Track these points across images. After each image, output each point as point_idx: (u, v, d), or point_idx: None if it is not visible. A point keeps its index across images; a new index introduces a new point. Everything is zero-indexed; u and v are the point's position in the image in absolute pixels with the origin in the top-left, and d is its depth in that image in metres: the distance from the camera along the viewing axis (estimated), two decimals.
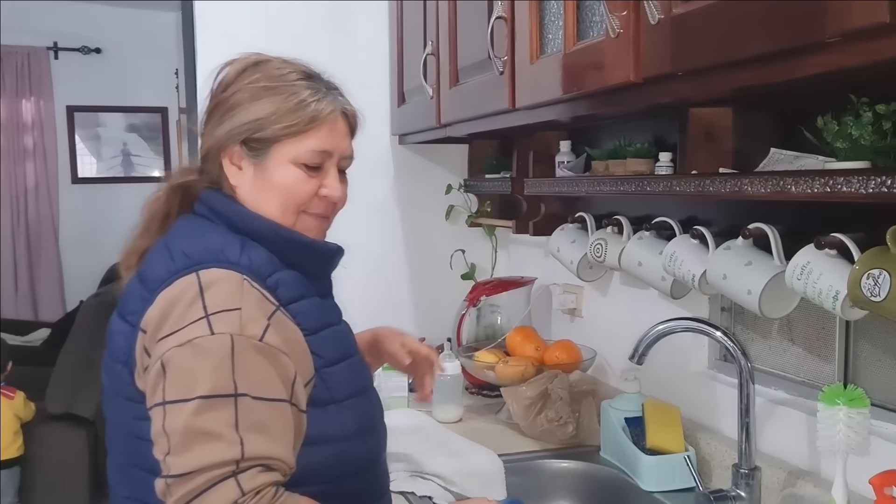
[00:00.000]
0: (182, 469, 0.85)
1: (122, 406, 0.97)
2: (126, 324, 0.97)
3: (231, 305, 0.91)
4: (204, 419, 0.86)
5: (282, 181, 1.03)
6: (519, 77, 1.45)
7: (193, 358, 0.88)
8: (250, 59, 1.08)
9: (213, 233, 1.00)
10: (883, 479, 1.01)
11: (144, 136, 5.21)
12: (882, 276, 0.97)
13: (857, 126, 1.01)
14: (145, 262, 1.01)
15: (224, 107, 1.04)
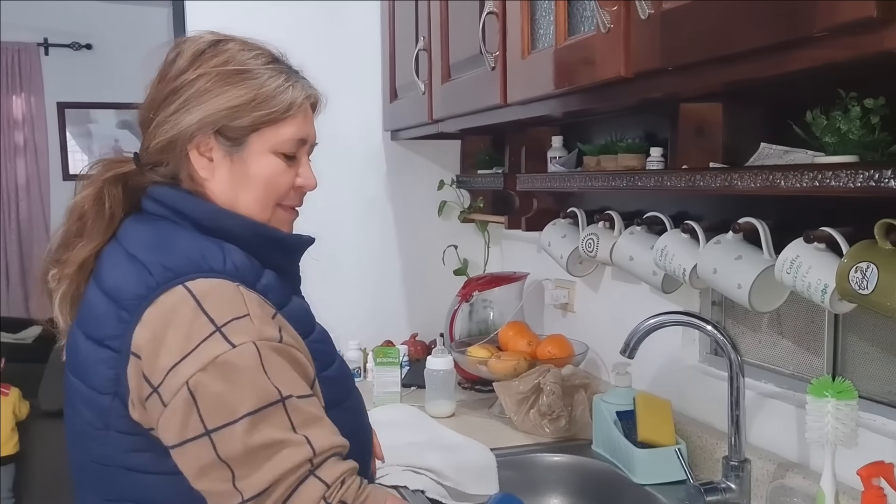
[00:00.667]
0: (259, 487, 0.81)
1: (110, 440, 0.89)
2: (107, 350, 0.87)
3: (238, 313, 0.85)
4: (261, 434, 0.82)
5: (262, 172, 0.97)
6: (510, 72, 1.45)
7: (224, 378, 0.82)
8: (205, 38, 0.98)
9: (183, 238, 0.92)
10: (870, 470, 1.02)
11: (136, 133, 5.03)
12: (870, 270, 0.98)
13: (845, 120, 1.02)
14: (107, 275, 0.92)
15: (186, 92, 0.94)
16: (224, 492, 0.83)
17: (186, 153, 0.95)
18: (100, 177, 0.98)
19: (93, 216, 0.96)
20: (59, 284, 0.96)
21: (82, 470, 0.94)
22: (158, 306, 0.85)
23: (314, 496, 0.82)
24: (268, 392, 0.83)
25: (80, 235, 0.96)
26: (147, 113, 0.98)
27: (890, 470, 1.02)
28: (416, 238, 2.33)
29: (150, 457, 0.88)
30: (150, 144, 0.96)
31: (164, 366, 0.83)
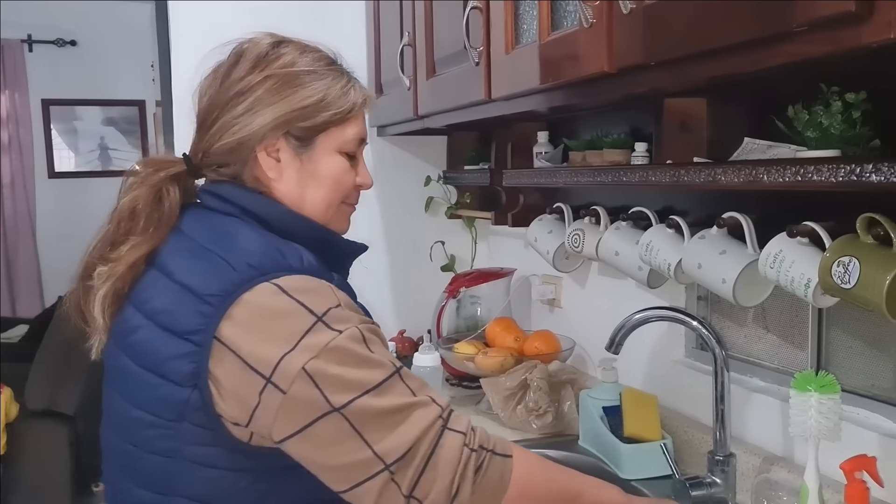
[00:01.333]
0: (401, 449, 0.84)
1: (181, 432, 0.88)
2: (188, 343, 0.87)
3: (332, 303, 0.88)
4: (390, 400, 0.86)
5: (330, 172, 1.00)
6: (495, 68, 1.45)
7: (339, 361, 0.85)
8: (265, 40, 1.00)
9: (256, 235, 0.93)
10: (853, 463, 1.03)
11: (122, 130, 5.15)
12: (852, 264, 0.98)
13: (826, 115, 1.02)
14: (180, 268, 0.92)
15: (254, 94, 0.96)
16: (363, 461, 0.84)
17: (255, 154, 0.97)
18: (154, 176, 0.98)
19: (148, 215, 0.96)
20: (105, 282, 0.94)
21: (132, 462, 0.93)
22: (247, 303, 0.87)
23: (457, 445, 0.86)
24: (383, 366, 0.87)
25: (132, 233, 0.96)
26: (208, 115, 0.99)
27: (872, 463, 1.03)
28: (404, 234, 2.33)
29: (219, 451, 0.88)
30: (214, 146, 0.98)
31: (271, 357, 0.84)
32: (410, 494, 0.85)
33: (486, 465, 0.88)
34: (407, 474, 0.85)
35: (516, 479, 0.89)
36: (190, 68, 2.11)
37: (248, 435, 0.88)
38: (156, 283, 0.94)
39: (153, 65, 4.16)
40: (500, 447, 0.91)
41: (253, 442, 0.89)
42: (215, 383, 0.87)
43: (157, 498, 0.92)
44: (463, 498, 0.86)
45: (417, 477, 0.85)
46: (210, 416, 0.87)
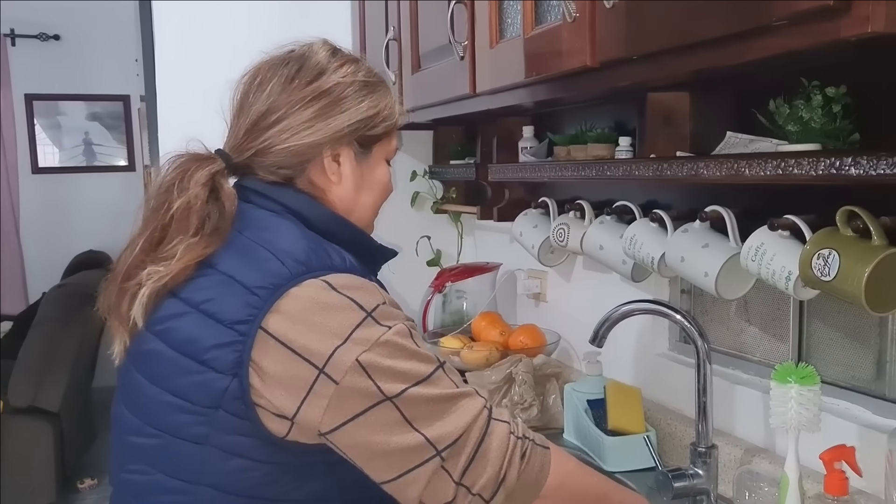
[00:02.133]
0: (453, 436, 0.87)
1: (216, 420, 0.88)
2: (233, 332, 0.88)
3: (379, 300, 0.90)
4: (439, 390, 0.88)
5: (382, 178, 1.07)
6: (479, 62, 1.45)
7: (390, 355, 0.87)
8: (324, 48, 1.03)
9: (302, 234, 0.95)
10: (833, 454, 1.04)
11: (107, 125, 5.11)
12: (832, 256, 0.99)
13: (807, 109, 1.03)
14: (228, 260, 0.92)
15: (321, 100, 0.99)
16: (414, 447, 0.86)
17: (321, 158, 1.00)
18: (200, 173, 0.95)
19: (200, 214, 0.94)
20: (157, 282, 0.93)
21: (156, 447, 0.93)
22: (296, 297, 0.88)
23: (504, 433, 0.90)
24: (429, 359, 0.90)
25: (182, 233, 0.94)
26: (266, 117, 0.99)
27: (851, 453, 1.04)
28: (389, 229, 2.30)
29: (251, 442, 0.89)
30: (275, 147, 0.99)
31: (323, 349, 0.86)
32: (460, 482, 0.87)
33: (529, 454, 0.91)
34: (459, 462, 0.87)
35: (555, 470, 0.93)
36: (174, 63, 2.11)
37: (286, 428, 0.88)
38: (199, 274, 0.93)
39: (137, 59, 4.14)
40: (539, 439, 0.95)
41: (290, 437, 0.89)
42: (259, 372, 0.87)
43: (181, 485, 0.92)
44: (509, 484, 0.89)
45: (468, 464, 0.87)
46: (247, 406, 0.88)
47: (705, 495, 1.25)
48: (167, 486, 0.92)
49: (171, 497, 0.92)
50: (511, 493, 0.89)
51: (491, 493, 0.88)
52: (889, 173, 0.87)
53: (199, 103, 1.95)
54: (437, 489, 0.87)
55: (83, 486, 3.64)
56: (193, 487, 0.91)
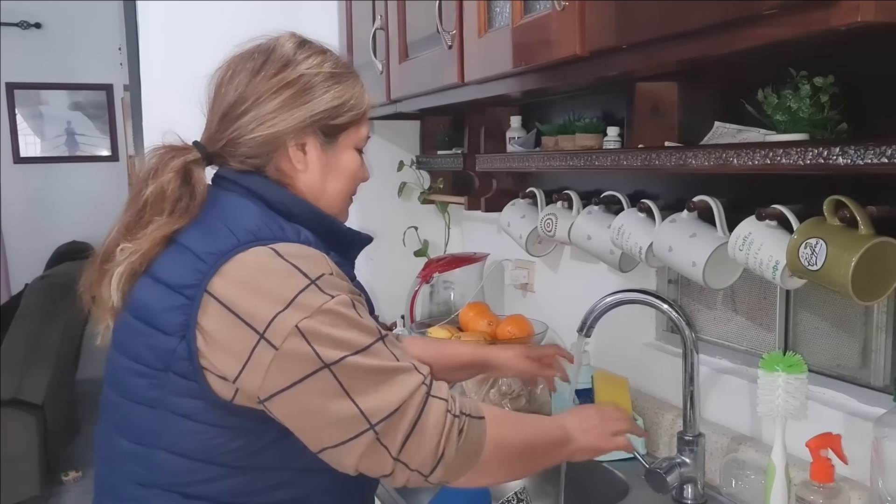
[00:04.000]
0: (388, 408, 0.88)
1: (166, 382, 0.92)
2: (180, 296, 0.91)
3: (326, 270, 0.92)
4: (377, 362, 0.90)
5: (349, 166, 1.08)
6: (468, 51, 1.44)
7: (331, 323, 0.88)
8: (291, 40, 1.06)
9: (260, 211, 0.98)
10: (819, 441, 1.05)
11: (89, 115, 5.05)
12: (819, 246, 1.00)
13: (795, 99, 1.03)
14: (187, 234, 0.97)
15: (286, 91, 1.01)
16: (348, 419, 0.88)
17: (286, 147, 1.02)
18: (175, 161, 1.00)
19: (175, 199, 0.99)
20: (127, 258, 0.98)
21: (120, 413, 0.98)
22: (241, 261, 0.91)
23: (441, 411, 0.91)
24: (370, 330, 0.92)
25: (157, 216, 0.99)
26: (235, 108, 1.02)
27: (837, 441, 1.05)
28: (376, 220, 2.31)
29: (201, 405, 0.91)
30: (244, 136, 1.02)
31: (265, 314, 0.87)
32: (398, 458, 0.89)
33: (467, 428, 0.93)
34: (396, 437, 0.89)
35: (490, 438, 0.96)
36: (159, 53, 2.09)
37: (232, 392, 0.90)
38: (167, 254, 0.98)
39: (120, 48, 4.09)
40: (475, 410, 0.96)
41: (236, 401, 0.91)
42: (204, 335, 0.90)
43: (139, 449, 0.95)
44: (448, 460, 0.91)
45: (404, 440, 0.89)
46: (194, 368, 0.90)
47: (692, 483, 1.26)
48: (128, 450, 0.96)
49: (133, 461, 0.96)
50: (450, 467, 0.92)
51: (430, 469, 0.91)
52: (876, 163, 0.87)
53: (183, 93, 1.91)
54: (375, 461, 0.89)
55: (67, 478, 3.62)
56: (150, 451, 0.94)
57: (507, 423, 1.01)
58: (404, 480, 0.91)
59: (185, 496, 0.94)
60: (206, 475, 0.93)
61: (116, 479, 0.99)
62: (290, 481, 0.96)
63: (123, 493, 0.97)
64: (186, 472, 0.93)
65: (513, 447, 1.00)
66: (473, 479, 0.96)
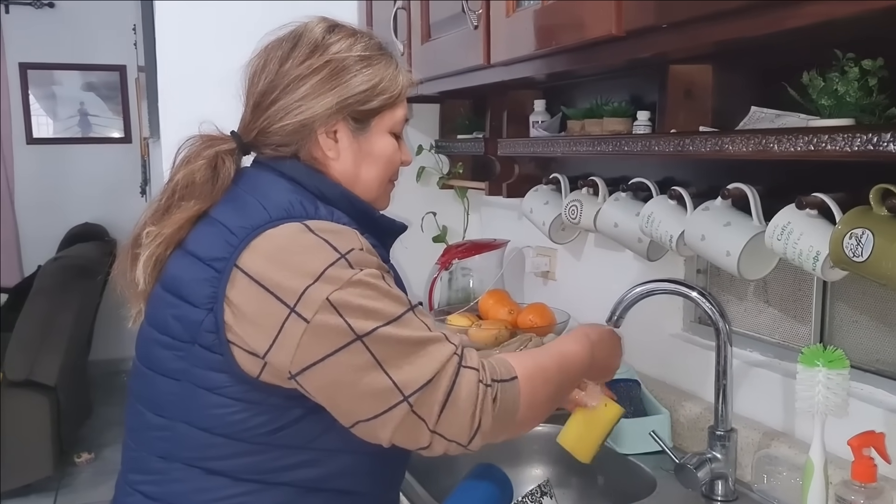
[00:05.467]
0: (421, 380, 0.87)
1: (192, 354, 0.92)
2: (210, 269, 0.92)
3: (356, 245, 0.92)
4: (409, 332, 0.89)
5: (384, 151, 1.06)
6: (494, 32, 1.40)
7: (361, 294, 0.88)
8: (320, 25, 1.04)
9: (295, 189, 0.99)
10: (861, 440, 1.01)
11: (102, 96, 5.02)
12: (865, 236, 0.96)
13: (843, 82, 0.99)
14: (221, 209, 0.98)
15: (314, 77, 1.00)
16: (382, 391, 0.86)
17: (315, 135, 1.01)
18: (209, 150, 1.01)
19: (203, 185, 1.00)
20: (152, 242, 0.99)
21: (146, 385, 0.98)
22: (271, 236, 0.91)
23: (473, 381, 0.89)
24: (401, 300, 0.91)
25: (187, 200, 1.00)
26: (265, 97, 1.02)
27: (881, 440, 1.01)
28: (394, 205, 2.25)
29: (225, 378, 0.91)
30: (273, 126, 1.02)
31: (295, 288, 0.87)
32: (434, 430, 0.88)
33: (500, 396, 0.91)
34: (433, 409, 0.87)
35: (524, 396, 0.94)
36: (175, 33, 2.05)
37: (258, 368, 0.90)
38: (200, 228, 0.99)
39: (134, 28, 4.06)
40: (506, 372, 0.94)
41: (262, 377, 0.90)
42: (232, 309, 0.90)
43: (162, 422, 0.96)
44: (485, 429, 0.90)
45: (440, 412, 0.87)
46: (220, 341, 0.90)
47: (723, 479, 1.23)
48: (153, 423, 0.97)
49: (156, 433, 0.96)
50: (487, 434, 0.91)
51: (468, 439, 0.90)
52: None
53: (200, 75, 1.91)
54: (411, 433, 0.88)
55: (80, 460, 3.62)
56: (173, 424, 0.95)
57: (539, 374, 0.98)
58: (443, 450, 0.90)
59: (205, 471, 0.94)
60: (227, 451, 0.93)
61: (141, 451, 0.99)
62: (312, 461, 0.95)
63: (147, 465, 0.97)
64: (207, 447, 0.93)
65: (545, 398, 0.98)
66: (511, 435, 0.96)
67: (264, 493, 0.94)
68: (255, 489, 0.93)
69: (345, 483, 0.98)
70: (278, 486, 0.94)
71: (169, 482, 0.95)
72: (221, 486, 0.93)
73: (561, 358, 1.05)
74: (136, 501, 0.97)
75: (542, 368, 1.00)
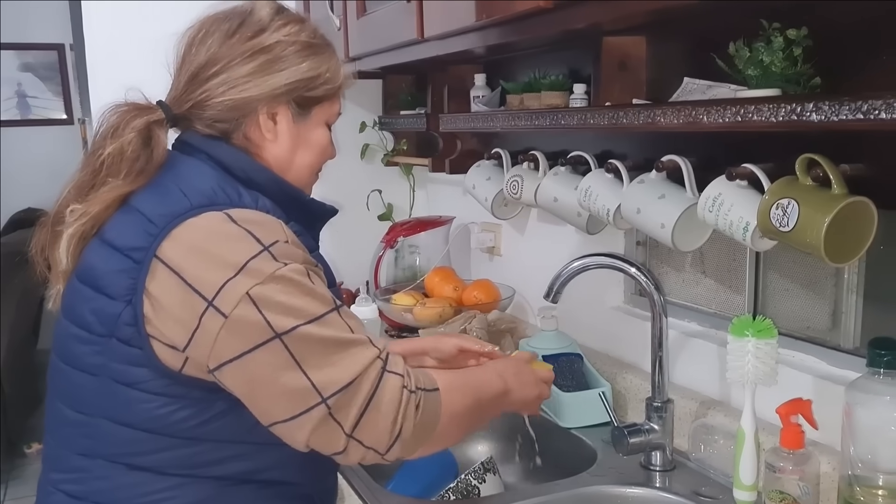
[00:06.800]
0: (340, 382, 0.85)
1: (109, 348, 0.89)
2: (128, 259, 0.88)
3: (280, 237, 0.89)
4: (331, 332, 0.87)
5: (320, 140, 1.05)
6: (427, 5, 1.38)
7: (283, 290, 0.85)
8: (267, 6, 1.02)
9: (219, 176, 0.95)
10: (789, 407, 1.02)
11: (41, 76, 4.84)
12: (791, 206, 0.96)
13: (768, 52, 0.99)
14: (141, 196, 0.94)
15: (262, 56, 0.98)
16: (300, 391, 0.84)
17: (256, 114, 0.99)
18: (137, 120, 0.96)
19: (133, 160, 0.95)
20: (76, 221, 0.94)
21: (64, 381, 0.95)
22: (192, 225, 0.88)
23: (397, 387, 0.88)
24: (325, 299, 0.89)
25: (112, 177, 0.95)
26: (205, 69, 0.98)
27: (808, 406, 1.03)
28: (339, 183, 2.21)
29: (145, 373, 0.88)
30: (213, 99, 0.98)
31: (214, 280, 0.84)
32: (351, 434, 0.86)
33: (423, 404, 0.90)
34: (350, 413, 0.85)
35: (444, 409, 0.93)
36: (104, 9, 1.97)
37: (181, 362, 0.87)
38: (118, 216, 0.94)
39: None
40: (429, 382, 0.93)
41: (185, 371, 0.88)
42: (151, 301, 0.87)
43: (83, 418, 0.93)
44: (405, 437, 0.88)
45: (359, 417, 0.85)
46: (140, 334, 0.87)
47: (661, 450, 1.24)
48: (71, 419, 0.94)
49: (76, 430, 0.93)
50: (406, 443, 0.89)
51: (386, 447, 0.88)
52: (851, 119, 0.83)
53: (131, 52, 1.84)
54: (327, 438, 0.86)
55: (30, 450, 3.54)
56: (94, 420, 0.92)
57: (457, 389, 0.97)
58: (359, 458, 0.88)
59: (129, 467, 0.91)
60: (152, 446, 0.90)
61: (61, 449, 0.96)
62: (242, 455, 0.94)
63: (67, 463, 0.95)
64: (131, 443, 0.90)
65: (463, 412, 0.97)
66: (427, 450, 0.93)
67: (191, 486, 0.91)
68: (181, 483, 0.91)
69: (276, 474, 0.96)
70: (206, 480, 0.92)
71: (91, 479, 0.92)
72: (146, 482, 0.90)
73: (475, 379, 1.05)
74: (59, 500, 0.94)
75: (461, 384, 0.99)
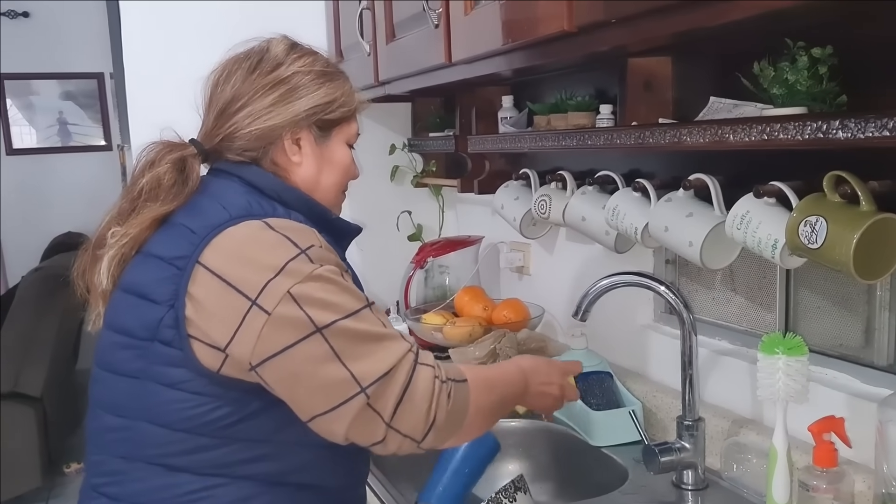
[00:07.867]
0: (378, 372, 0.89)
1: (151, 351, 0.94)
2: (173, 267, 0.94)
3: (315, 242, 0.95)
4: (367, 326, 0.92)
5: (343, 160, 1.13)
6: (454, 30, 1.40)
7: (322, 288, 0.91)
8: (283, 41, 1.11)
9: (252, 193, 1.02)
10: (821, 425, 1.02)
11: (81, 104, 4.98)
12: (819, 223, 0.96)
13: (792, 71, 0.99)
14: (185, 212, 1.00)
15: (282, 87, 1.06)
16: (339, 382, 0.88)
17: (281, 140, 1.06)
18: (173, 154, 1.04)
19: (170, 188, 1.02)
20: (117, 243, 1.00)
21: (105, 388, 1.00)
22: (232, 234, 0.94)
23: (430, 377, 0.92)
24: (359, 296, 0.95)
25: (154, 201, 1.02)
26: (231, 104, 1.06)
27: (840, 424, 1.02)
28: (369, 204, 2.27)
29: (185, 373, 0.93)
30: (240, 131, 1.06)
31: (257, 281, 0.90)
32: (390, 424, 0.90)
33: (454, 393, 0.94)
34: (388, 402, 0.89)
35: (473, 399, 0.97)
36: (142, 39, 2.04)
37: (219, 361, 0.91)
38: (160, 232, 1.01)
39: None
40: (457, 374, 0.97)
41: (223, 371, 0.92)
42: (193, 303, 0.92)
43: (122, 422, 0.97)
44: (439, 425, 0.92)
45: (396, 406, 0.89)
46: (180, 336, 0.92)
47: (692, 468, 1.24)
48: (111, 425, 0.98)
49: (115, 434, 0.98)
50: (440, 431, 0.93)
51: (422, 435, 0.92)
52: (878, 136, 0.83)
53: (167, 80, 1.90)
54: (366, 428, 0.90)
55: (69, 469, 3.61)
56: (133, 423, 0.96)
57: (484, 383, 1.02)
58: (396, 447, 0.92)
59: (167, 468, 0.95)
60: (188, 446, 0.94)
61: (102, 454, 1.00)
62: (271, 455, 0.97)
63: (108, 467, 0.98)
64: (168, 444, 0.94)
65: (489, 406, 1.01)
66: (457, 440, 0.99)
67: (229, 486, 0.95)
68: (219, 483, 0.95)
69: (307, 477, 1.00)
70: (242, 480, 0.95)
71: (131, 482, 0.96)
72: (184, 483, 0.94)
73: (498, 373, 1.10)
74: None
75: (486, 377, 1.03)
